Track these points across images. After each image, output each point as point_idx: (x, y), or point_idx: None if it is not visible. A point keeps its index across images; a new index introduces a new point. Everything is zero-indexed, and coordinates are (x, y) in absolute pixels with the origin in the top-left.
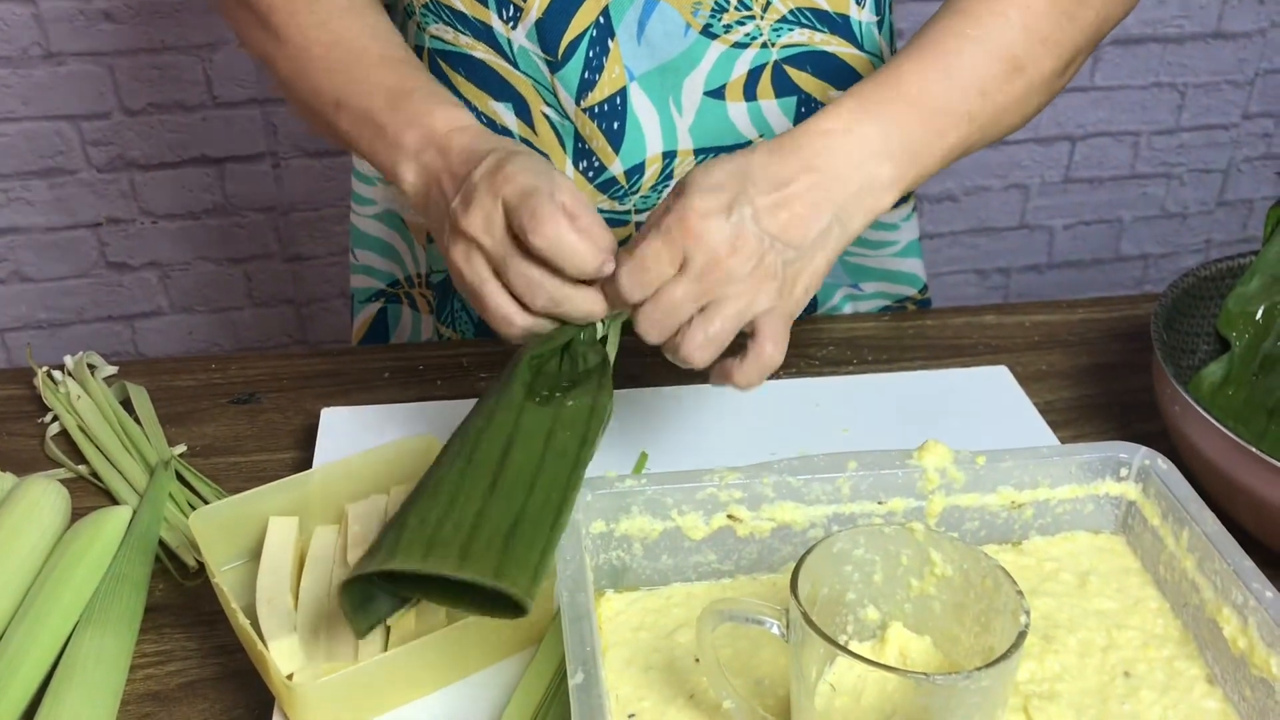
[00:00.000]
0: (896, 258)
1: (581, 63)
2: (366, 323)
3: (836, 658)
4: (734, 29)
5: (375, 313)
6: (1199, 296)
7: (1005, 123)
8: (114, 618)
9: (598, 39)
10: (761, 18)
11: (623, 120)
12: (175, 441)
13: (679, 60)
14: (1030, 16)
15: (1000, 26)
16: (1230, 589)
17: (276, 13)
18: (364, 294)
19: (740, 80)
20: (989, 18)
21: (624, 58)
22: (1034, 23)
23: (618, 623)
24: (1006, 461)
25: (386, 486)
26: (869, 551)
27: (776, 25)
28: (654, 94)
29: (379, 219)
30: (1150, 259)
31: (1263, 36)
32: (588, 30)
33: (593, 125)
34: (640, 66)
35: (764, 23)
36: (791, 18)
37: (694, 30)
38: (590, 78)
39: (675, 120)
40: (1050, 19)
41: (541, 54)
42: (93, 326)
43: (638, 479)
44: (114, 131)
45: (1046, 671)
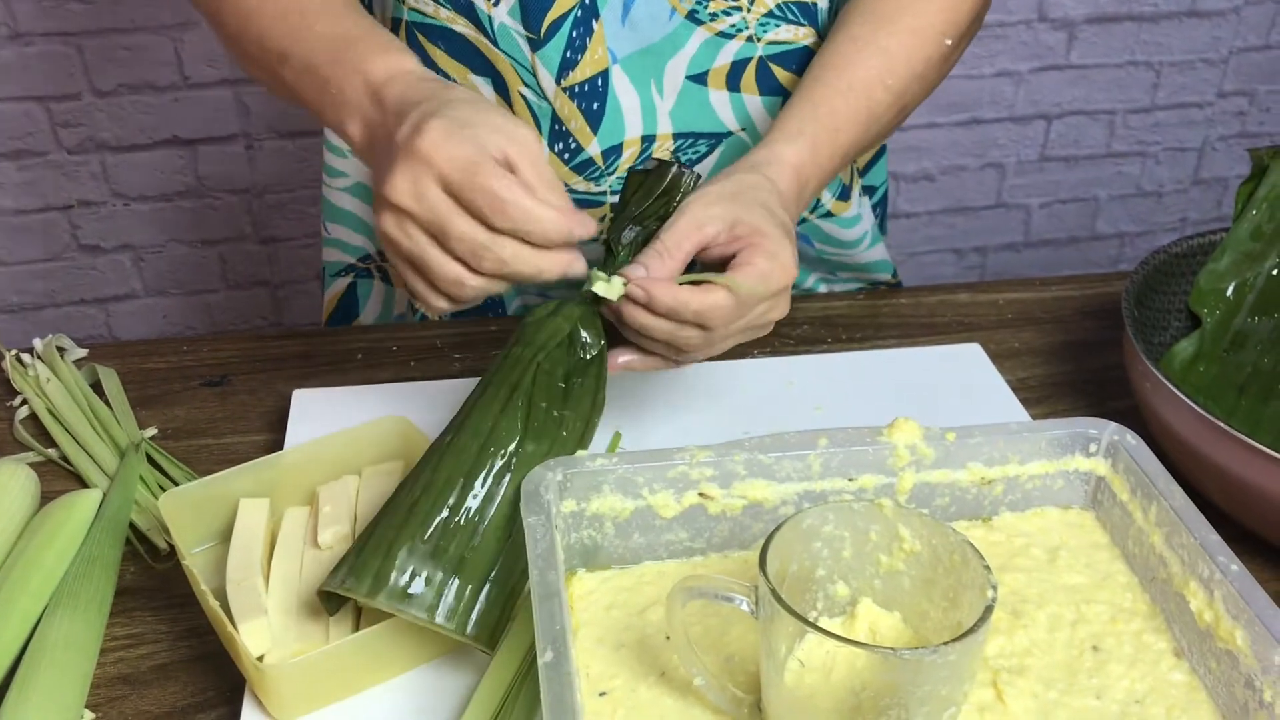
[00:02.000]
0: (865, 252)
1: (564, 42)
2: (336, 297)
3: (806, 634)
4: (720, 18)
5: (345, 287)
6: (1170, 273)
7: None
8: (84, 601)
9: (582, 19)
10: (749, 10)
11: (603, 101)
12: (146, 424)
13: (663, 44)
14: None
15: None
16: (1197, 563)
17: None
18: (335, 268)
19: (724, 69)
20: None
21: (607, 39)
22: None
23: (589, 601)
24: (976, 438)
25: (358, 467)
26: (838, 528)
27: (763, 20)
28: (636, 77)
29: (350, 191)
30: (1126, 237)
31: (1237, 15)
32: (572, 10)
33: (572, 105)
34: (623, 49)
35: (750, 15)
36: (779, 12)
37: (679, 15)
38: (572, 57)
39: (656, 103)
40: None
41: (523, 31)
42: (65, 310)
43: (609, 458)
44: (84, 113)
45: (1016, 646)
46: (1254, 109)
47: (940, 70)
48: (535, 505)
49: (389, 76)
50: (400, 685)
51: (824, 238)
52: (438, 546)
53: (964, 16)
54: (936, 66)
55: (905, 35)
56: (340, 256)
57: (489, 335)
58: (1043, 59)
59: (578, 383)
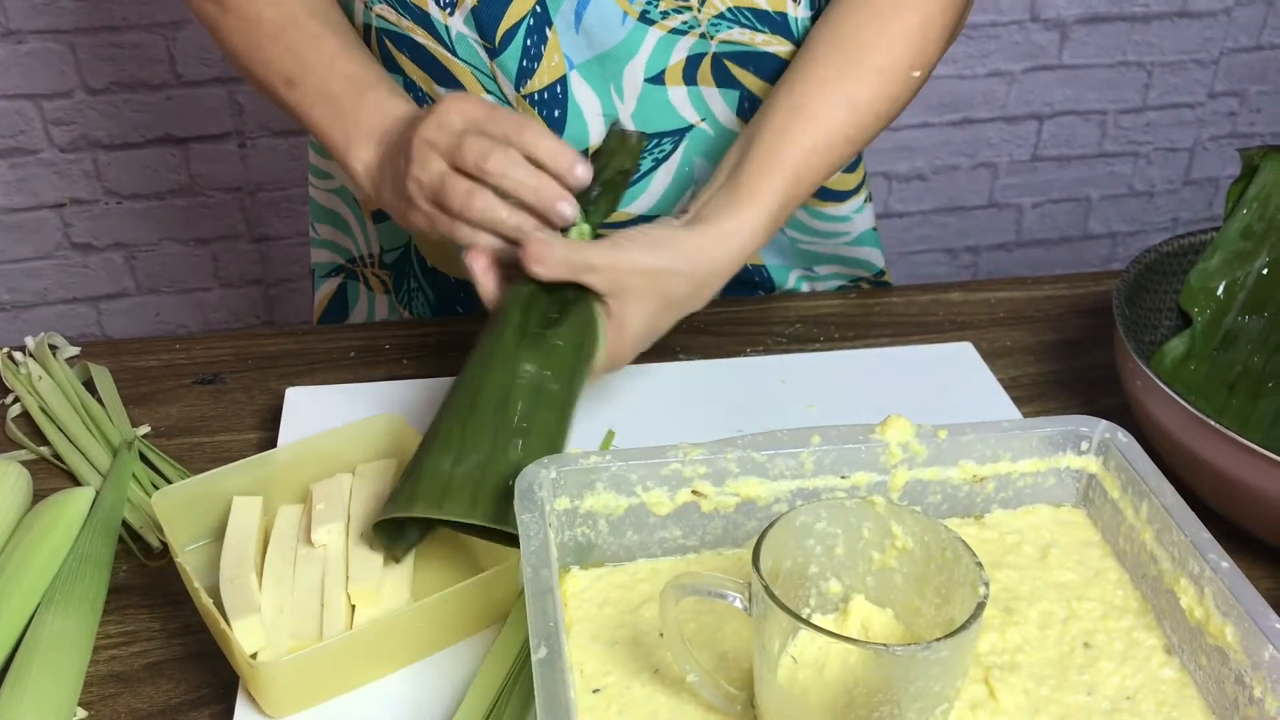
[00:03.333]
0: (850, 246)
1: (519, 50)
2: (326, 298)
3: (799, 631)
4: (671, 16)
5: (335, 288)
6: (1161, 272)
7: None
8: (77, 599)
9: (535, 27)
10: (699, 10)
11: (564, 108)
12: (139, 422)
13: (618, 49)
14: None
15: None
16: (1187, 559)
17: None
18: (324, 269)
19: (679, 65)
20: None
21: (563, 46)
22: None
23: (583, 599)
24: (968, 435)
25: (351, 465)
26: (831, 525)
27: (714, 20)
28: (594, 82)
29: (338, 193)
30: (1118, 237)
31: (1227, 15)
32: (525, 18)
33: (534, 113)
34: (579, 55)
35: (701, 15)
36: (730, 15)
37: (631, 18)
38: (529, 65)
39: (617, 107)
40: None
41: (479, 40)
42: (57, 308)
43: (602, 455)
44: (76, 111)
45: (1007, 643)
46: (1245, 109)
47: (904, 102)
48: (529, 502)
49: (416, 114)
50: (394, 682)
51: (805, 229)
52: (489, 458)
53: (932, 46)
54: (901, 103)
55: (873, 78)
56: (330, 257)
57: None
58: (1035, 59)
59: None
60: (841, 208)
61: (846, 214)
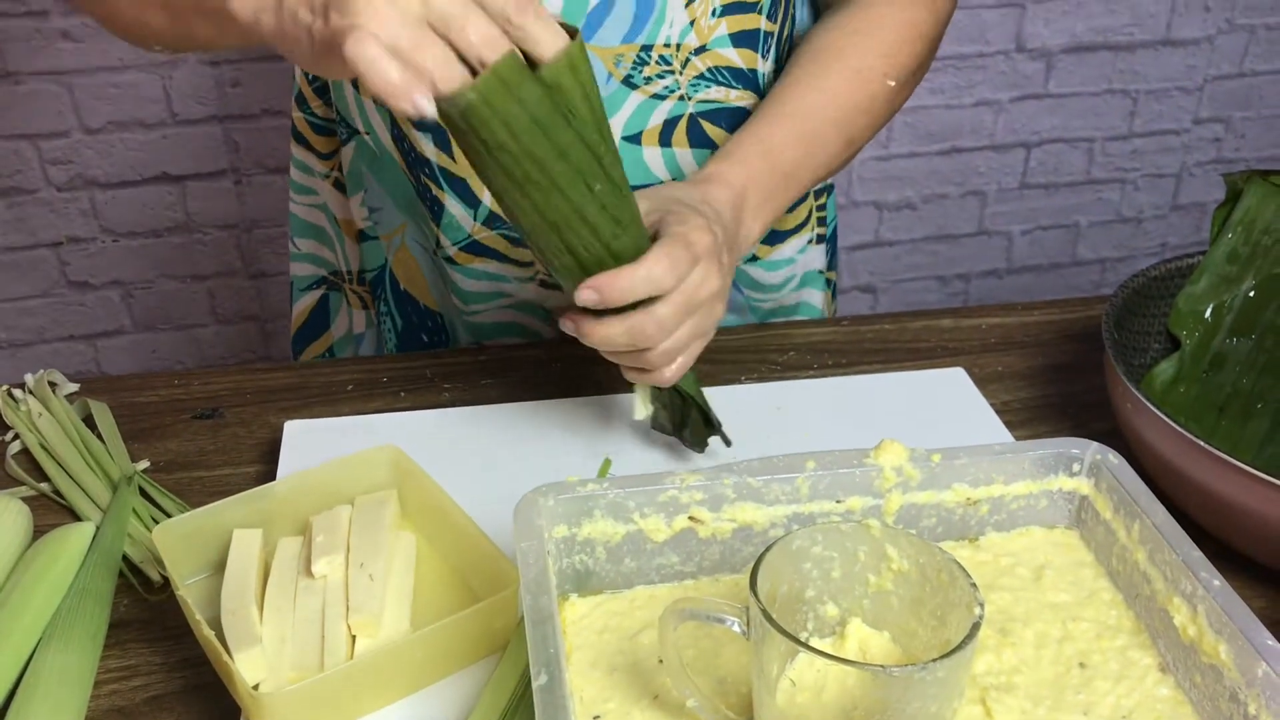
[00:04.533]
0: (794, 292)
1: None
2: (306, 310)
3: (797, 654)
4: (654, 81)
5: (315, 301)
6: (1149, 296)
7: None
8: (77, 634)
9: None
10: (680, 73)
11: None
12: (138, 457)
13: None
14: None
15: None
16: (1180, 579)
17: None
18: (305, 281)
19: (656, 129)
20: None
21: None
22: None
23: (582, 626)
24: (961, 459)
25: (350, 497)
26: (827, 548)
27: (694, 81)
28: None
29: (321, 208)
30: (1107, 263)
31: (1210, 43)
32: None
33: None
34: None
35: (683, 78)
36: (709, 75)
37: (615, 80)
38: None
39: None
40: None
41: None
42: (54, 346)
43: (599, 483)
44: (73, 150)
45: (1004, 664)
46: (1229, 135)
47: (889, 106)
48: (527, 530)
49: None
50: (395, 712)
51: (750, 282)
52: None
53: (906, 59)
54: (883, 103)
55: (849, 74)
56: (311, 270)
57: (478, 365)
58: (1021, 88)
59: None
60: (784, 249)
61: (790, 255)
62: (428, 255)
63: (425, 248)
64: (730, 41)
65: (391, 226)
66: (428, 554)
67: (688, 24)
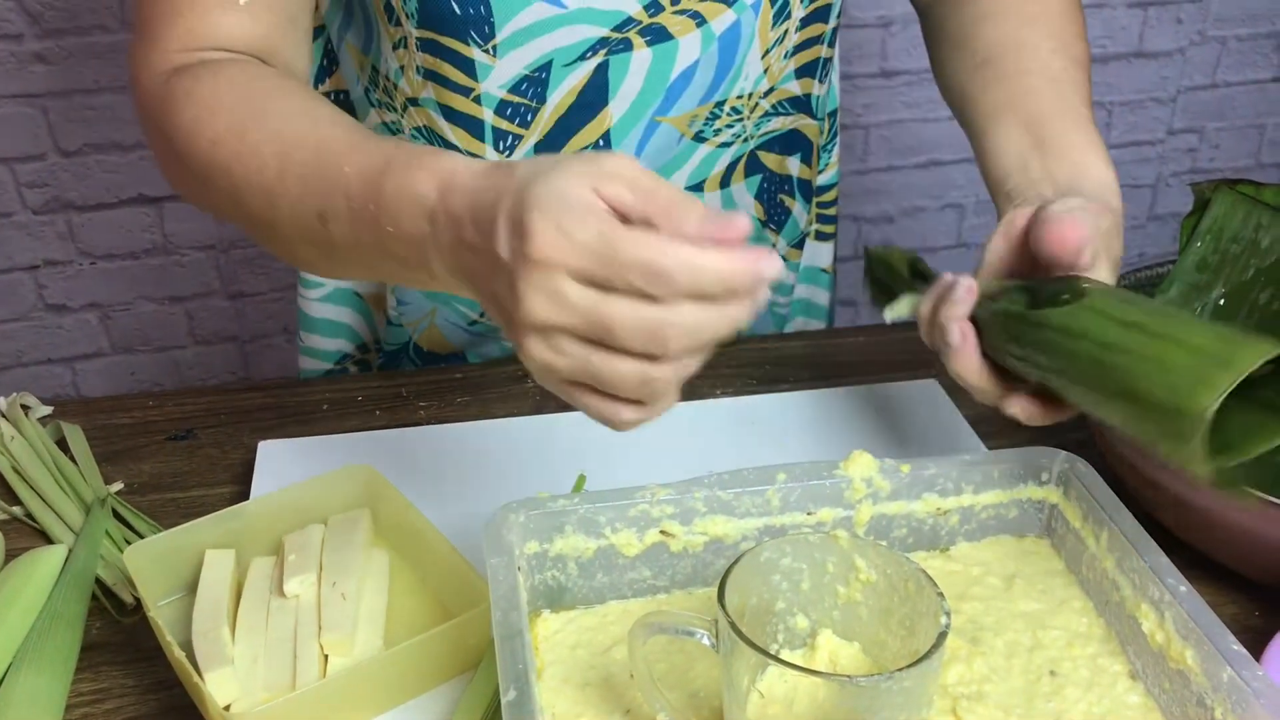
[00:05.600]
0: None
1: None
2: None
3: (767, 667)
4: (722, 131)
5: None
6: None
7: None
8: (49, 657)
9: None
10: (749, 117)
11: None
12: (112, 480)
13: (669, 164)
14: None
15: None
16: (1148, 585)
17: (220, 148)
18: (310, 375)
19: (719, 174)
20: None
21: None
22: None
23: (554, 642)
24: (930, 469)
25: (323, 516)
26: (796, 560)
27: (759, 120)
28: None
29: (327, 300)
30: None
31: (1182, 55)
32: (586, 149)
33: None
34: None
35: (749, 121)
36: (772, 110)
37: (686, 138)
38: None
39: None
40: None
41: None
42: (32, 370)
43: (570, 498)
44: (49, 173)
45: (974, 673)
46: (1204, 145)
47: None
48: (497, 546)
49: (441, 191)
50: None
51: (782, 288)
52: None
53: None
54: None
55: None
56: (317, 364)
57: (454, 383)
58: None
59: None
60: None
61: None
62: (460, 328)
63: (458, 324)
64: (794, 75)
65: (419, 315)
66: (401, 572)
67: (762, 72)
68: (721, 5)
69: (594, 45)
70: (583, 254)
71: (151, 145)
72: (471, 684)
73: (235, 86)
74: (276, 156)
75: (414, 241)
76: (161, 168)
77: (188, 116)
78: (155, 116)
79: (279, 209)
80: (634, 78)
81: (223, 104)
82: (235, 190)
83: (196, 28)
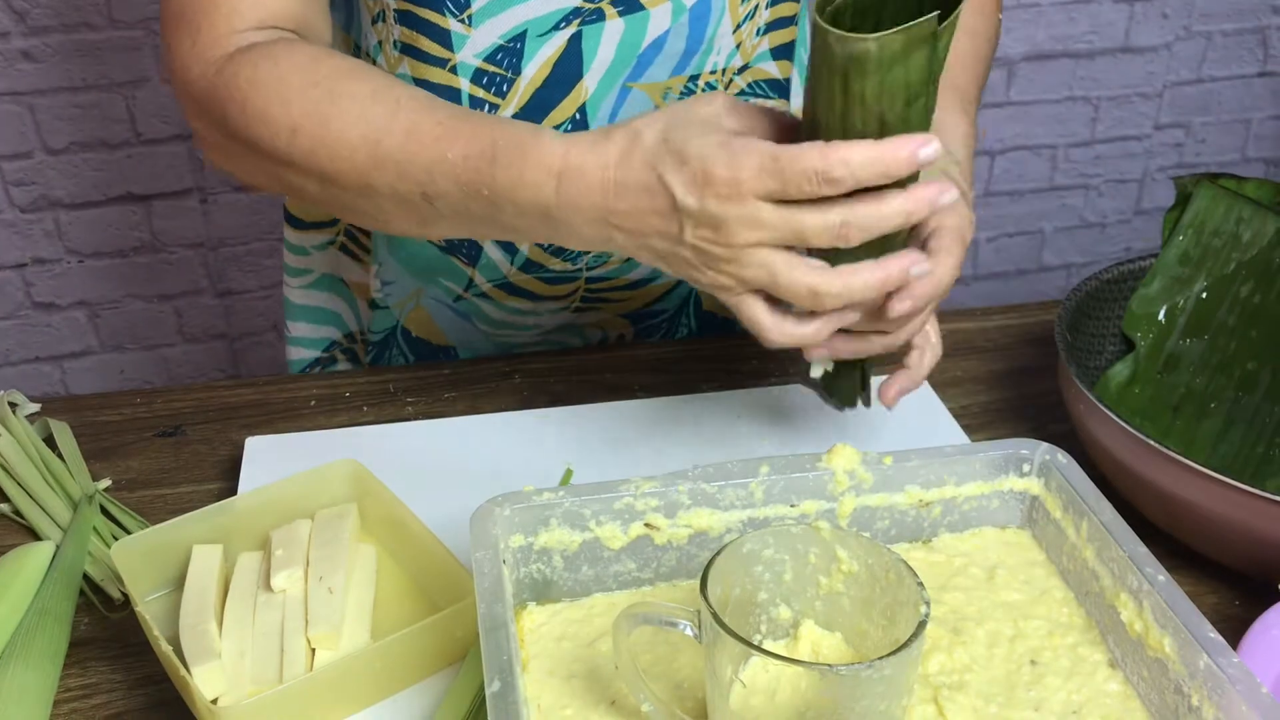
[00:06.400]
0: None
1: None
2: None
3: (750, 657)
4: None
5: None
6: (1103, 299)
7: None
8: (36, 653)
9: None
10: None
11: None
12: (100, 476)
13: None
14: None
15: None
16: (1126, 575)
17: (301, 135)
18: (299, 365)
19: None
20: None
21: None
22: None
23: (540, 634)
24: (913, 461)
25: (310, 511)
26: (778, 551)
27: (737, 96)
28: None
29: (312, 288)
30: (1073, 268)
31: (1168, 50)
32: (563, 125)
33: None
34: None
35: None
36: (748, 90)
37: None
38: None
39: None
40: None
41: None
42: (20, 369)
43: (555, 491)
44: (37, 171)
45: (956, 663)
46: (1190, 140)
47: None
48: (482, 540)
49: (559, 177)
50: None
51: None
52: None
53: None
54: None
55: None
56: (305, 353)
57: (442, 379)
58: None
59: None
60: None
61: None
62: (445, 306)
63: (443, 301)
64: (770, 55)
65: (404, 295)
66: (388, 566)
67: (734, 48)
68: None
69: (567, 15)
70: (759, 178)
71: (205, 136)
72: (458, 677)
73: (300, 70)
74: (366, 142)
75: (536, 220)
76: (219, 158)
77: (256, 106)
78: (213, 108)
79: (377, 190)
80: (606, 47)
81: (293, 90)
82: (324, 176)
83: (240, 8)
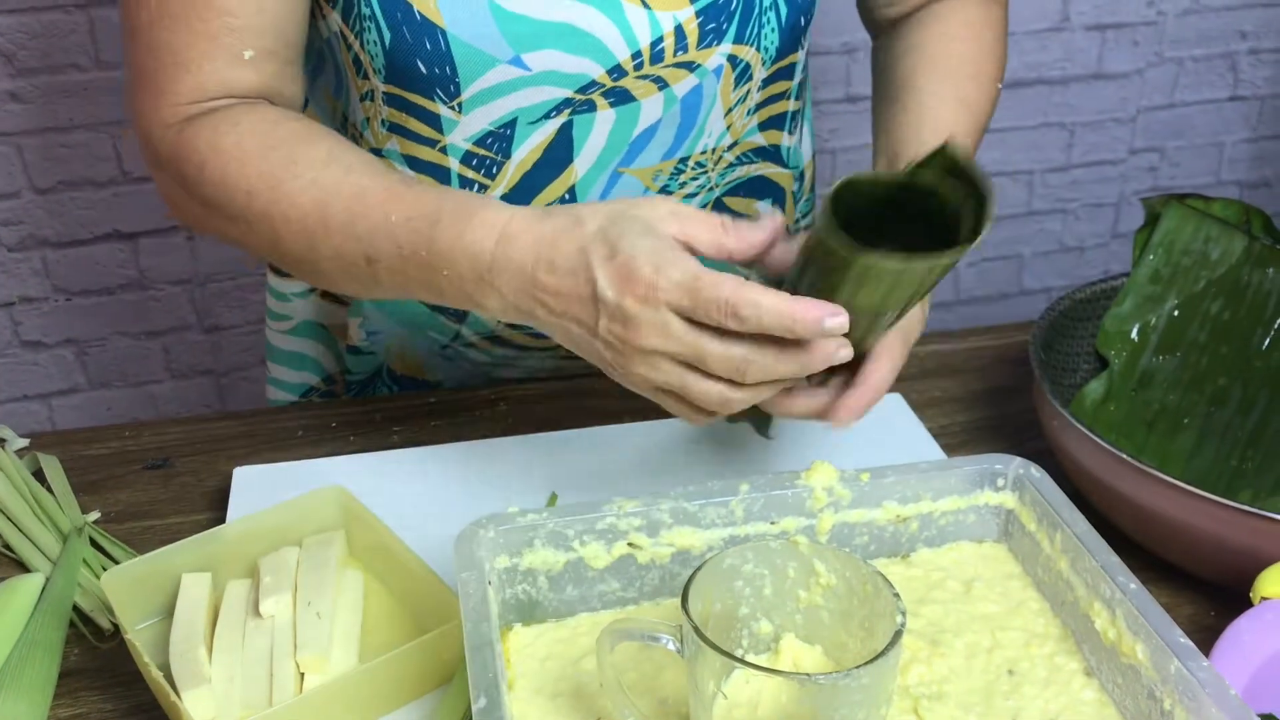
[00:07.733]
0: None
1: None
2: None
3: (732, 671)
4: (688, 184)
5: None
6: (1077, 318)
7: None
8: (26, 684)
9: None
10: (713, 169)
11: None
12: (89, 509)
13: None
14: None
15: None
16: (1099, 584)
17: (256, 198)
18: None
19: None
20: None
21: None
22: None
23: (525, 654)
24: (890, 477)
25: (298, 538)
26: (758, 566)
27: (724, 171)
28: None
29: (294, 332)
30: (1053, 291)
31: (1140, 76)
32: (554, 203)
33: None
34: None
35: (714, 172)
36: (736, 161)
37: (651, 192)
38: None
39: None
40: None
41: None
42: (8, 407)
43: (539, 513)
44: (24, 211)
45: (935, 674)
46: (1164, 164)
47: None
48: (467, 561)
49: (499, 241)
50: None
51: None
52: None
53: (1002, 61)
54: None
55: (971, 84)
56: (283, 395)
57: (427, 407)
58: None
59: None
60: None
61: None
62: (431, 351)
63: (429, 348)
64: (759, 129)
65: (387, 342)
66: (376, 591)
67: (725, 129)
68: (684, 71)
69: (558, 105)
70: (675, 290)
71: (165, 189)
72: (445, 698)
73: (258, 135)
74: (315, 204)
75: (469, 282)
76: (177, 211)
77: (214, 168)
78: (171, 167)
79: (321, 252)
80: (597, 136)
81: (250, 154)
82: (275, 237)
83: (205, 82)
